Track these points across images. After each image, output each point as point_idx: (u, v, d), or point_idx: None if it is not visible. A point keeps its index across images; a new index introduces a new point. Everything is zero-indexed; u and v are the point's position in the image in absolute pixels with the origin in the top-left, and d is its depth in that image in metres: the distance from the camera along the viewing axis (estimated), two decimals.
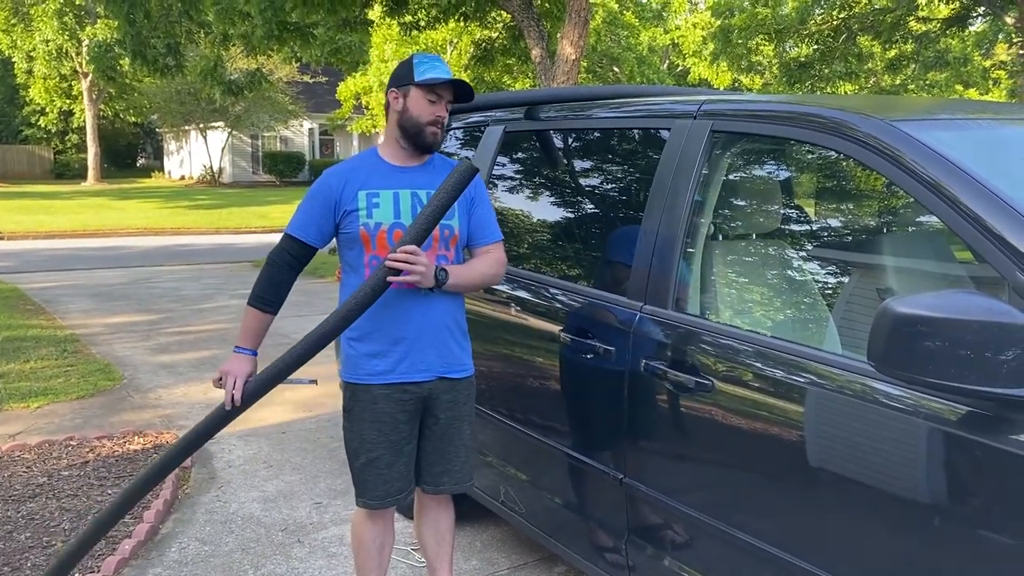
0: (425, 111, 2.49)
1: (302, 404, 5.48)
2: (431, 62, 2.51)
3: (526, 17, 10.82)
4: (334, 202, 2.49)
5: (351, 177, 2.52)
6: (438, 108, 2.50)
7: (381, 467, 2.54)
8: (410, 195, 2.51)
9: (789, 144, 2.44)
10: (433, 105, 2.49)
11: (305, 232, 2.52)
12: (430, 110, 2.49)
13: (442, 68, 2.50)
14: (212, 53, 13.89)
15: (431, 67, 2.49)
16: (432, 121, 2.49)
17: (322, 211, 2.51)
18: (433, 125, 2.50)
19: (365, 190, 2.50)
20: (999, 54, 25.93)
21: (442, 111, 2.51)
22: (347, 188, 2.50)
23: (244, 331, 2.61)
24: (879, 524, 1.79)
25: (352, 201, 2.49)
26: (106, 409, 5.32)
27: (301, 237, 2.52)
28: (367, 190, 2.50)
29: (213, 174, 35.11)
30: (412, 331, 2.49)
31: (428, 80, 2.46)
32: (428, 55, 2.57)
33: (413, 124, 2.50)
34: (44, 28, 31.79)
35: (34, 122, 36.84)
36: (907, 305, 1.57)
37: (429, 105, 2.49)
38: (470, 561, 3.37)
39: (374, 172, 2.54)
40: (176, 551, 3.44)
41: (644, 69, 28.82)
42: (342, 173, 2.54)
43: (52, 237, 16.91)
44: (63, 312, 8.68)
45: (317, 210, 2.51)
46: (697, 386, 2.19)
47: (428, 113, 2.49)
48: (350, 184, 2.50)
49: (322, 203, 2.51)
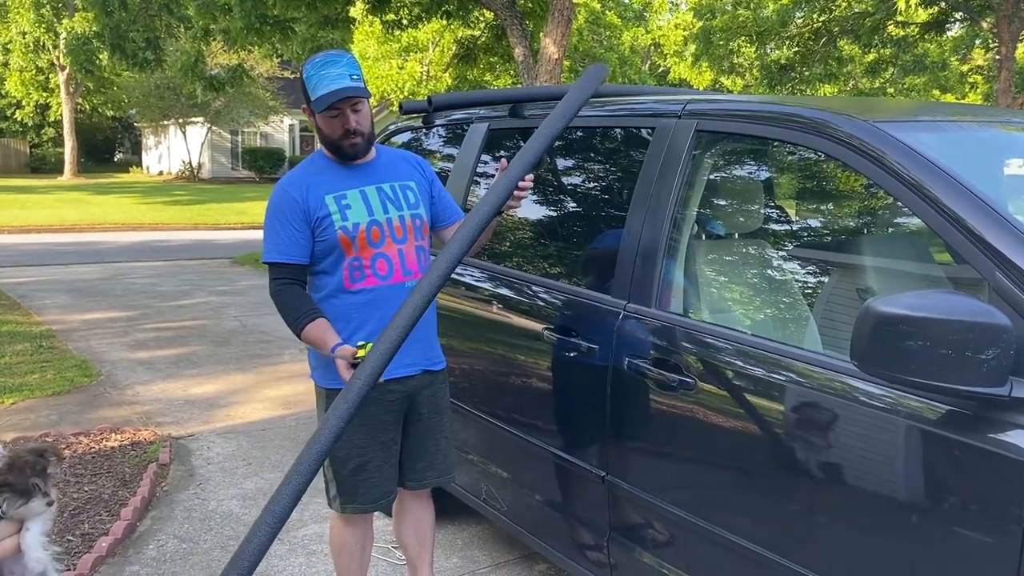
0: (334, 128, 2.40)
1: (282, 402, 5.44)
2: (319, 74, 2.35)
3: (509, 16, 10.82)
4: (303, 212, 2.39)
5: (310, 183, 2.43)
6: (344, 120, 2.38)
7: (372, 470, 2.51)
8: (376, 190, 2.48)
9: (773, 144, 2.45)
10: (337, 119, 2.39)
11: (289, 254, 2.40)
12: (337, 125, 2.40)
13: (331, 74, 2.34)
14: (193, 48, 13.76)
15: (319, 80, 2.34)
16: (343, 135, 2.41)
17: (296, 225, 2.39)
18: (346, 138, 2.41)
19: (331, 194, 2.42)
20: (976, 59, 26.22)
21: (350, 121, 2.39)
22: (311, 195, 2.41)
23: (322, 339, 2.35)
24: (860, 521, 1.81)
25: (321, 207, 2.40)
26: (83, 405, 5.26)
27: (287, 260, 2.40)
28: (332, 193, 2.42)
29: (192, 170, 34.84)
30: None
31: (320, 105, 2.34)
32: (316, 62, 2.38)
33: (330, 142, 2.44)
34: (21, 20, 31.38)
35: (10, 115, 36.35)
36: (889, 305, 1.58)
37: (333, 121, 2.39)
38: (451, 559, 3.36)
39: (331, 174, 2.46)
40: (154, 548, 3.40)
41: (626, 69, 28.96)
42: (299, 181, 2.44)
43: (28, 232, 16.68)
44: (39, 307, 8.57)
45: (291, 227, 2.39)
46: (679, 384, 2.20)
47: (337, 129, 2.40)
48: (312, 191, 2.41)
49: (291, 217, 2.39)
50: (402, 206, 2.50)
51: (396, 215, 2.48)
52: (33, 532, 2.04)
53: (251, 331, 7.59)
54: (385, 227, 2.45)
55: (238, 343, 7.13)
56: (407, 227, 2.48)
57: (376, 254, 2.44)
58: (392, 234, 2.46)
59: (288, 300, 2.39)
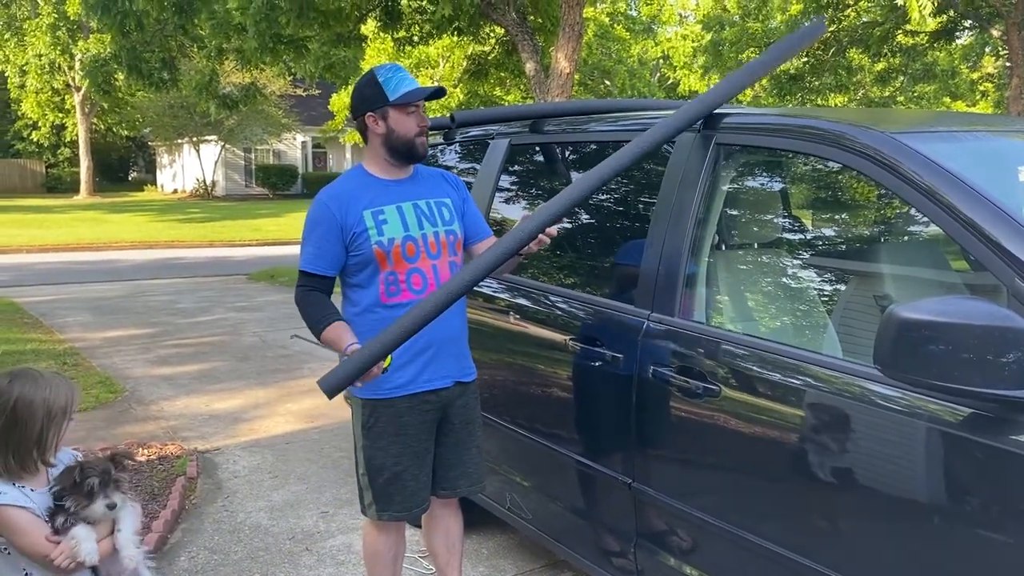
0: (410, 126, 2.53)
1: (304, 415, 5.51)
2: (395, 75, 2.52)
3: (520, 32, 10.93)
4: (339, 227, 2.48)
5: (349, 199, 2.52)
6: (419, 118, 2.55)
7: (408, 479, 2.57)
8: (412, 207, 2.56)
9: (790, 156, 2.51)
10: (412, 116, 2.54)
11: (316, 265, 2.50)
12: (413, 123, 2.53)
13: (408, 78, 2.54)
14: (206, 67, 13.93)
15: (399, 81, 2.51)
16: (419, 132, 2.55)
17: (330, 239, 2.49)
18: (420, 135, 2.55)
19: (369, 209, 2.50)
20: (986, 66, 26.22)
21: (424, 119, 2.57)
22: (349, 210, 2.49)
23: (339, 338, 2.41)
24: (883, 523, 1.85)
25: (359, 223, 2.48)
26: (109, 421, 5.34)
27: (315, 271, 2.51)
28: (371, 209, 2.50)
29: (206, 187, 35.11)
30: (434, 340, 2.52)
31: (403, 98, 2.49)
32: (387, 67, 2.57)
33: (402, 142, 2.54)
34: (37, 43, 31.82)
35: (26, 136, 36.76)
36: (912, 311, 1.63)
37: (410, 118, 2.53)
38: (477, 568, 3.41)
39: (371, 189, 2.55)
40: (186, 560, 3.47)
41: (635, 82, 29.06)
42: (338, 196, 2.53)
43: (46, 251, 16.86)
44: (61, 325, 8.68)
45: (324, 239, 2.49)
46: (704, 391, 2.25)
47: (413, 127, 2.53)
48: (350, 206, 2.50)
49: (327, 230, 2.49)
50: (437, 222, 2.57)
51: (431, 231, 2.55)
52: (125, 531, 2.12)
53: (270, 346, 7.67)
54: (420, 243, 2.52)
55: (258, 358, 7.21)
56: (441, 243, 2.55)
57: (411, 269, 2.51)
58: (427, 250, 2.53)
59: (310, 304, 2.51)
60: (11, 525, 2.01)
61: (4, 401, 2.03)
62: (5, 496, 2.02)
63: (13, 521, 2.01)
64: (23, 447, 2.05)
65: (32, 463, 2.08)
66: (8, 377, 2.08)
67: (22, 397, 2.04)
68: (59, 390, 2.10)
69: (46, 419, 2.05)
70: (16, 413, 2.03)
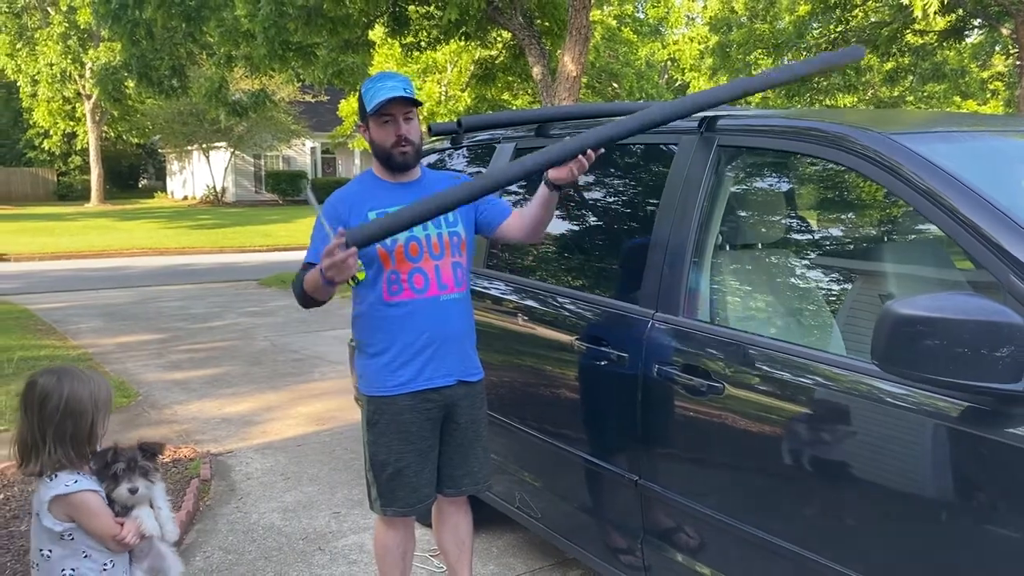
0: (386, 136, 2.59)
1: (316, 418, 5.57)
2: (375, 85, 2.57)
3: (527, 36, 10.99)
4: (344, 226, 2.51)
5: (356, 200, 2.61)
6: (395, 127, 2.57)
7: (410, 475, 2.62)
8: None
9: (792, 157, 2.55)
10: (388, 126, 2.57)
11: (316, 258, 2.52)
12: (388, 133, 2.58)
13: (385, 87, 2.54)
14: (216, 74, 14.06)
15: (375, 92, 2.55)
16: (395, 143, 2.59)
17: None
18: (397, 146, 2.59)
19: (374, 210, 2.58)
20: (996, 65, 26.12)
21: (400, 129, 2.58)
22: (354, 211, 2.58)
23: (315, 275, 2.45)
24: (887, 516, 1.88)
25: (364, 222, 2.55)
26: (124, 425, 5.41)
27: (316, 261, 2.53)
28: (376, 210, 2.58)
29: (216, 194, 35.31)
30: (435, 338, 2.58)
31: (374, 108, 2.54)
32: (374, 78, 2.62)
33: (381, 151, 2.62)
34: (48, 52, 32.08)
35: (38, 144, 37.09)
36: (907, 306, 1.67)
37: (385, 128, 2.58)
38: (487, 566, 3.45)
39: (378, 192, 2.64)
40: (201, 560, 3.52)
41: (643, 84, 29.05)
42: (346, 198, 2.64)
43: (58, 258, 17.02)
44: (73, 332, 8.78)
45: (328, 236, 2.51)
46: (709, 389, 2.29)
47: (390, 136, 2.58)
48: (357, 207, 2.59)
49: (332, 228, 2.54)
50: (440, 223, 2.62)
51: (435, 232, 2.60)
52: (164, 511, 2.26)
53: (281, 351, 7.74)
54: (423, 243, 2.58)
55: (269, 362, 7.28)
56: (444, 244, 2.60)
57: (413, 268, 2.57)
58: (430, 250, 2.59)
59: (298, 278, 2.58)
60: (90, 508, 2.12)
61: (57, 398, 2.13)
62: (80, 483, 2.13)
63: (90, 505, 2.13)
64: (78, 439, 2.15)
65: (85, 454, 2.18)
66: (54, 375, 2.18)
67: (72, 392, 2.14)
68: (101, 384, 2.21)
69: (95, 411, 2.16)
70: (70, 408, 2.13)
